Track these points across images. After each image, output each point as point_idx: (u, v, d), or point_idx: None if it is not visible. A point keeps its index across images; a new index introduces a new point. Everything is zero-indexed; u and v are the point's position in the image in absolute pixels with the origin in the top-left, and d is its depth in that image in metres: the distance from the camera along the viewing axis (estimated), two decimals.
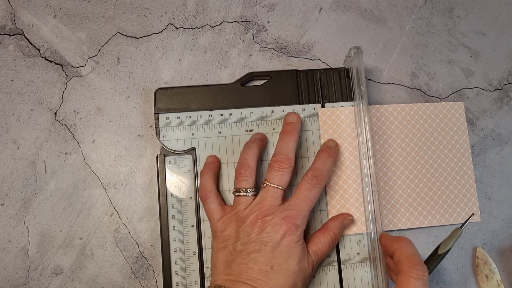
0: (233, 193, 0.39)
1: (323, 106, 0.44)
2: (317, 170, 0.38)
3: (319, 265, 0.41)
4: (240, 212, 0.37)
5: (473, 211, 0.43)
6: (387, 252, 0.37)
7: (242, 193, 0.38)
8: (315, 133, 0.43)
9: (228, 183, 0.42)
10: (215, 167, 0.41)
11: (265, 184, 0.37)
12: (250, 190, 0.38)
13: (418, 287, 0.31)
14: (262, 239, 0.35)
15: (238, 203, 0.38)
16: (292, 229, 0.35)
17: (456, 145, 0.44)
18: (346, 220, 0.40)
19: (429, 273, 0.35)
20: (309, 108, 0.43)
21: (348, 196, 0.42)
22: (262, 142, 0.41)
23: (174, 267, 0.40)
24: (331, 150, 0.40)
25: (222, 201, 0.40)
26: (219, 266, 0.36)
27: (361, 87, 0.41)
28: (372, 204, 0.40)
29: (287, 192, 0.40)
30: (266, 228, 0.35)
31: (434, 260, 0.37)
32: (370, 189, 0.40)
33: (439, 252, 0.36)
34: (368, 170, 0.40)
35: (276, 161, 0.38)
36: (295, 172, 0.42)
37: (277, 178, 0.37)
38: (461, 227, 0.36)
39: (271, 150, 0.42)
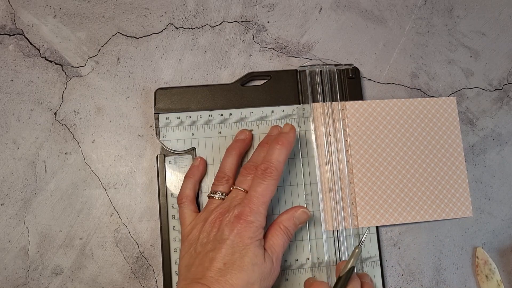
0: (208, 195, 0.39)
1: (324, 102, 0.44)
2: (266, 162, 0.37)
3: (318, 265, 0.41)
4: (208, 213, 0.38)
5: (465, 206, 0.44)
6: None
7: (216, 195, 0.38)
8: (308, 133, 0.43)
9: None
10: (200, 173, 0.41)
11: (232, 188, 0.38)
12: (224, 194, 0.39)
13: None
14: (217, 238, 0.35)
15: (210, 204, 0.39)
16: (243, 225, 0.35)
17: (448, 140, 0.44)
18: (298, 213, 0.38)
19: None
20: (308, 108, 0.43)
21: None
22: (244, 144, 0.41)
23: (174, 267, 0.40)
24: (283, 137, 0.38)
25: (197, 209, 0.41)
26: (182, 273, 0.36)
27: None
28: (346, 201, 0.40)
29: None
30: (221, 227, 0.36)
31: (339, 283, 0.37)
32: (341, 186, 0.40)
33: (340, 274, 0.37)
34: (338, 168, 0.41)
35: (245, 168, 0.39)
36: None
37: (244, 183, 0.38)
38: (359, 245, 0.39)
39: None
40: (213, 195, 0.39)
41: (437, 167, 0.44)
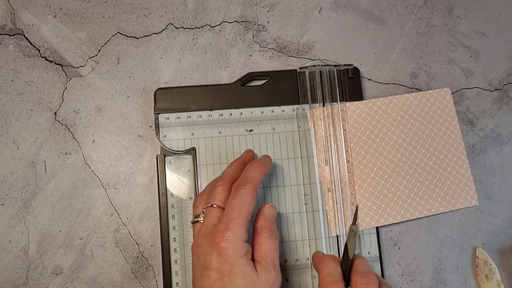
0: (191, 222, 0.37)
1: (323, 106, 0.44)
2: (241, 179, 0.36)
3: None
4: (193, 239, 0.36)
5: (470, 195, 0.43)
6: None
7: (198, 219, 0.36)
8: (308, 133, 0.43)
9: None
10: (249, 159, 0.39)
11: (204, 208, 0.36)
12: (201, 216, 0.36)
13: None
14: (200, 264, 0.33)
15: (194, 229, 0.36)
16: (222, 244, 0.32)
17: (447, 131, 0.44)
18: (267, 211, 0.37)
19: (348, 274, 0.34)
20: (308, 108, 0.43)
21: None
22: (246, 159, 0.40)
23: (174, 267, 0.40)
24: (262, 160, 0.38)
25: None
26: None
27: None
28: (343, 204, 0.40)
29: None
30: (200, 252, 0.33)
31: (345, 263, 0.34)
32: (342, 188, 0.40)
33: (347, 256, 0.34)
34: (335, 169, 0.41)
35: (214, 183, 0.37)
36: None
37: (216, 198, 0.35)
38: (354, 223, 0.33)
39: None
40: (196, 219, 0.36)
41: (438, 160, 0.44)
